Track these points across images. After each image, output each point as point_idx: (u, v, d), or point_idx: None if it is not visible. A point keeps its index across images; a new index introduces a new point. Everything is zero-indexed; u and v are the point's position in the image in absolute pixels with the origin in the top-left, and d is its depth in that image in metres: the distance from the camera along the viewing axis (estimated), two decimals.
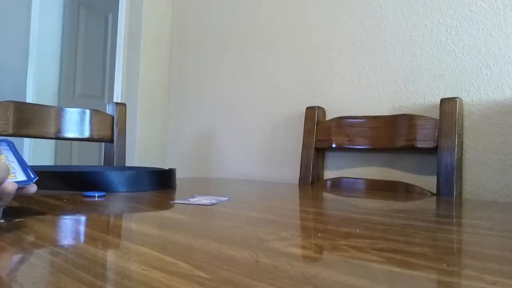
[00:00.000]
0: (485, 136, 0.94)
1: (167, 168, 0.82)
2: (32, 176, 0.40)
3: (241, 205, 0.58)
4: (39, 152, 2.42)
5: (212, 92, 1.63)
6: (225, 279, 0.23)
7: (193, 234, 0.36)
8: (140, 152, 1.74)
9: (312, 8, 1.31)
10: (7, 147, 0.43)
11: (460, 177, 0.93)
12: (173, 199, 0.62)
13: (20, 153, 0.44)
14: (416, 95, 1.06)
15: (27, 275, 0.23)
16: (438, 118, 0.96)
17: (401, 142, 1.01)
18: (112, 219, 0.44)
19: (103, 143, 1.17)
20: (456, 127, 0.92)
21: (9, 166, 0.36)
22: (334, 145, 1.13)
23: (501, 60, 0.92)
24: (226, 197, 0.66)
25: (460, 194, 0.93)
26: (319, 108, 1.21)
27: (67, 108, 1.10)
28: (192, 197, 0.63)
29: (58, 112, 1.08)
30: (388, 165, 1.10)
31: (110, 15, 2.92)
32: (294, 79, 1.34)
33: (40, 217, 0.42)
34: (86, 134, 1.10)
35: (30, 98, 2.37)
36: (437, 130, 0.95)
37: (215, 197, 0.64)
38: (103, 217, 0.45)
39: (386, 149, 1.05)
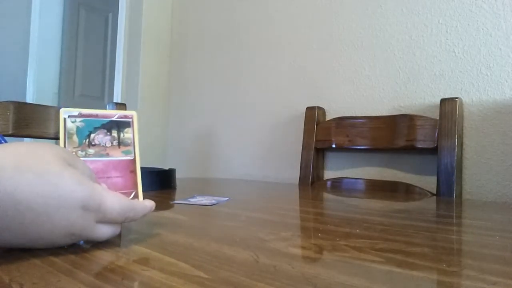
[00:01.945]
0: (485, 136, 0.94)
1: (167, 168, 0.82)
2: None
3: (241, 205, 0.58)
4: None
5: (212, 92, 1.63)
6: (225, 279, 0.23)
7: (193, 234, 0.36)
8: (140, 152, 1.73)
9: (312, 8, 1.31)
10: None
11: (460, 177, 0.93)
12: (173, 199, 0.61)
13: None
14: (416, 95, 1.06)
15: (27, 275, 0.23)
16: (438, 118, 0.96)
17: (401, 142, 1.01)
18: None
19: None
20: (456, 127, 0.92)
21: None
22: (334, 145, 1.13)
23: (501, 60, 0.92)
24: (226, 197, 0.66)
25: (460, 194, 0.93)
26: (319, 108, 1.21)
27: None
28: (192, 197, 0.63)
29: (58, 112, 1.08)
30: (388, 165, 1.10)
31: (110, 15, 2.92)
32: (294, 79, 1.34)
33: None
34: None
35: (30, 98, 2.37)
36: (437, 130, 0.95)
37: (215, 197, 0.64)
38: None
39: (386, 149, 1.05)
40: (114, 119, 0.31)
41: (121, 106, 1.17)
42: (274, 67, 1.41)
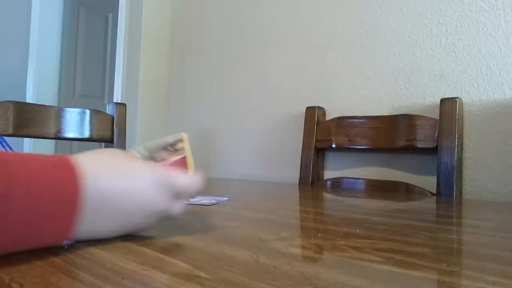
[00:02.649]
0: (485, 136, 0.94)
1: None
2: None
3: (241, 205, 0.58)
4: (39, 152, 2.42)
5: (212, 92, 1.63)
6: (225, 279, 0.23)
7: (193, 234, 0.36)
8: None
9: (312, 8, 1.31)
10: None
11: (460, 177, 0.93)
12: None
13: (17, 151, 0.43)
14: (416, 95, 1.06)
15: (27, 275, 0.23)
16: (438, 118, 0.96)
17: (401, 142, 1.01)
18: None
19: (103, 143, 1.17)
20: (456, 127, 0.92)
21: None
22: (334, 145, 1.13)
23: (501, 60, 0.92)
24: (226, 197, 0.66)
25: (460, 194, 0.93)
26: (319, 108, 1.21)
27: (67, 108, 1.10)
28: (193, 197, 0.63)
29: (58, 112, 1.08)
30: (388, 165, 1.10)
31: (110, 15, 2.92)
32: (294, 79, 1.34)
33: None
34: (86, 134, 1.10)
35: (30, 98, 2.37)
36: (437, 130, 0.95)
37: (215, 197, 0.64)
38: None
39: (386, 149, 1.05)
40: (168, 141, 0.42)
41: (121, 106, 1.17)
42: (274, 67, 1.41)
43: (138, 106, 1.74)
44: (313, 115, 1.19)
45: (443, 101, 0.95)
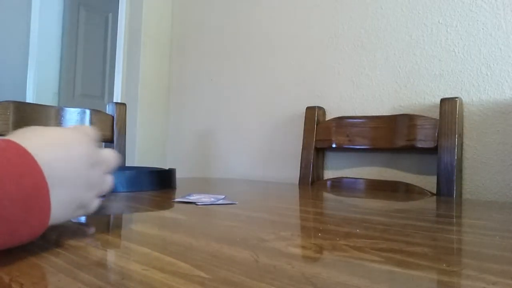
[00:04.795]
0: (485, 136, 0.94)
1: (167, 168, 0.82)
2: None
3: (241, 205, 0.58)
4: None
5: (212, 92, 1.63)
6: (225, 279, 0.23)
7: (193, 234, 0.36)
8: (140, 152, 1.74)
9: (312, 8, 1.31)
10: None
11: (460, 177, 0.93)
12: (173, 199, 0.62)
13: None
14: (416, 95, 1.06)
15: (27, 275, 0.23)
16: (438, 118, 0.96)
17: (401, 142, 1.01)
18: (112, 219, 0.44)
19: (103, 143, 1.17)
20: (456, 127, 0.92)
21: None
22: (334, 145, 1.13)
23: (501, 60, 0.92)
24: (225, 197, 0.66)
25: (460, 194, 0.93)
26: (319, 108, 1.21)
27: (67, 108, 1.10)
28: (191, 195, 0.63)
29: (58, 112, 1.08)
30: (388, 165, 1.10)
31: (110, 15, 2.92)
32: (294, 79, 1.34)
33: None
34: None
35: (30, 98, 2.37)
36: (437, 130, 0.95)
37: (214, 196, 0.64)
38: (103, 217, 0.45)
39: (386, 149, 1.05)
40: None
41: (121, 106, 1.17)
42: (274, 66, 1.41)
43: (138, 106, 1.74)
44: (313, 115, 1.19)
45: (443, 101, 0.95)
